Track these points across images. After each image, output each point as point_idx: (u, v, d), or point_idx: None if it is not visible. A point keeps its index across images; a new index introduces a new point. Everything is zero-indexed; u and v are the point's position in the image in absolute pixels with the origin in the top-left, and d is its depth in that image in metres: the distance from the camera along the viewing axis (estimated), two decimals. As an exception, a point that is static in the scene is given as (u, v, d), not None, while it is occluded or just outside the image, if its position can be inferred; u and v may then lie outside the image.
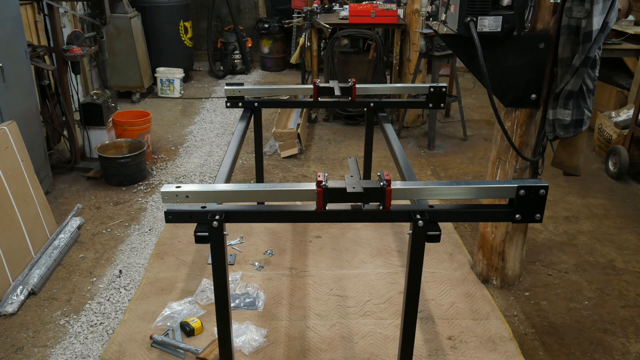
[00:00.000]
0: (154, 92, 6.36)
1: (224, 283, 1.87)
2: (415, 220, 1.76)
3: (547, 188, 1.78)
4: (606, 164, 4.31)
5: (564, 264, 3.14)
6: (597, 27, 2.17)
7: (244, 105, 3.10)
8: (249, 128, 3.03)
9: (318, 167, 4.42)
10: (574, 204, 3.85)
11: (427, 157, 4.66)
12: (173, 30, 6.54)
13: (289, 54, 7.40)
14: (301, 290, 2.85)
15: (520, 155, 2.53)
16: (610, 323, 2.66)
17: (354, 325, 2.59)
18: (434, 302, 2.77)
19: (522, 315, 2.71)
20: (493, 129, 3.09)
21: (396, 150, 2.61)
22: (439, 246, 3.23)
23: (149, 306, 2.70)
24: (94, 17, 4.20)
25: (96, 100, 4.17)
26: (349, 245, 3.27)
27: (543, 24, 2.38)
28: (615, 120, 4.36)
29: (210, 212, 1.79)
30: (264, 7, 7.76)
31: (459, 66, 6.00)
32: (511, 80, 2.43)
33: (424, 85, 3.12)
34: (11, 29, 3.27)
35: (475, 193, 1.85)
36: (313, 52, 5.21)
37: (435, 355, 2.41)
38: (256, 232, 3.38)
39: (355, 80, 2.99)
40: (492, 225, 2.84)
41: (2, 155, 2.87)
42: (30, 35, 4.40)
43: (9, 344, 2.45)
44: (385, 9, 4.88)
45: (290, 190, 1.85)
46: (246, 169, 4.37)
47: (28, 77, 3.50)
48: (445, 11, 2.37)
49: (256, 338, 2.47)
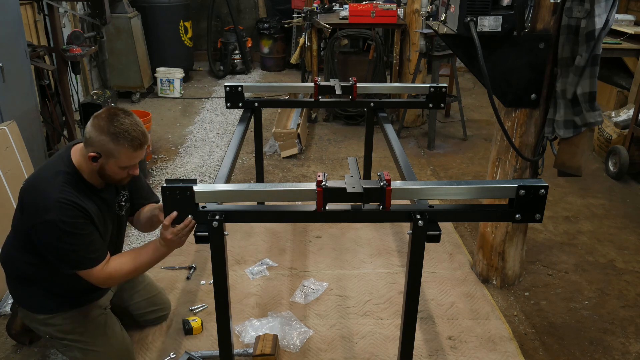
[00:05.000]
0: (154, 92, 6.36)
1: (224, 283, 1.87)
2: (415, 220, 1.75)
3: (547, 188, 1.78)
4: (606, 164, 4.31)
5: (564, 264, 3.14)
6: (600, 26, 2.17)
7: (244, 105, 3.10)
8: (249, 128, 3.03)
9: (318, 167, 4.42)
10: (574, 204, 3.85)
11: (427, 157, 4.66)
12: (173, 30, 6.53)
13: (289, 54, 7.40)
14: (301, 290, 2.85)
15: (520, 155, 2.53)
16: (610, 323, 2.66)
17: (354, 325, 2.59)
18: (434, 302, 2.77)
19: (522, 315, 2.71)
20: (493, 129, 3.09)
21: (396, 150, 2.60)
22: (439, 246, 3.23)
23: (149, 306, 2.70)
24: (94, 17, 4.20)
25: (96, 100, 4.16)
26: (349, 245, 3.27)
27: (543, 24, 2.38)
28: (615, 120, 4.36)
29: (210, 212, 1.79)
30: (264, 7, 7.76)
31: (459, 66, 6.00)
32: (511, 80, 2.43)
33: (424, 85, 3.12)
34: (11, 29, 3.27)
35: (475, 193, 1.85)
36: (313, 52, 5.21)
37: (435, 355, 2.41)
38: (256, 232, 3.38)
39: (356, 79, 2.99)
40: (492, 225, 2.84)
41: (2, 155, 2.87)
42: (30, 35, 4.40)
43: (9, 343, 2.45)
44: (385, 9, 4.88)
45: (290, 190, 1.85)
46: (246, 169, 4.37)
47: (28, 77, 3.50)
48: (445, 11, 2.37)
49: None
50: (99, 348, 2.15)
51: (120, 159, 1.92)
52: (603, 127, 4.47)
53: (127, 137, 1.88)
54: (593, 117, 2.37)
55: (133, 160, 1.96)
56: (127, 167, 1.97)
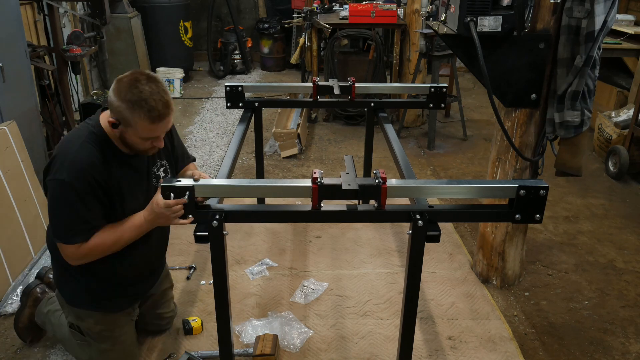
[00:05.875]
0: (154, 92, 6.35)
1: (224, 283, 1.87)
2: (415, 220, 1.75)
3: (547, 188, 1.78)
4: (606, 164, 4.30)
5: (564, 264, 3.14)
6: (599, 26, 2.17)
7: (244, 105, 3.10)
8: (249, 128, 3.03)
9: (318, 167, 4.42)
10: (574, 204, 3.85)
11: (427, 157, 4.66)
12: (173, 30, 6.53)
13: (289, 54, 7.40)
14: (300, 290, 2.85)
15: (520, 155, 2.53)
16: (610, 323, 2.66)
17: (354, 326, 2.59)
18: (434, 302, 2.77)
19: (522, 315, 2.71)
20: (493, 129, 3.09)
21: (396, 150, 2.60)
22: (439, 246, 3.23)
23: (149, 306, 2.70)
24: (94, 17, 4.20)
25: (96, 100, 4.17)
26: (349, 245, 3.27)
27: (543, 24, 2.38)
28: (615, 120, 4.36)
29: (210, 212, 1.79)
30: (264, 7, 7.76)
31: (459, 66, 6.00)
32: (511, 80, 2.43)
33: (424, 85, 3.12)
34: (11, 29, 3.27)
35: (474, 193, 1.85)
36: (313, 52, 5.21)
37: (435, 355, 2.41)
38: (256, 232, 3.38)
39: (354, 80, 2.99)
40: (492, 226, 2.84)
41: (2, 155, 2.87)
42: (30, 35, 4.40)
43: (9, 344, 2.45)
44: (385, 9, 4.88)
45: (286, 187, 1.86)
46: (246, 168, 4.37)
47: (28, 77, 3.50)
48: (445, 11, 2.37)
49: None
50: (116, 354, 2.16)
51: (138, 129, 1.76)
52: (603, 127, 4.47)
53: (144, 106, 1.71)
54: (571, 116, 2.37)
55: (153, 132, 1.79)
56: (149, 139, 1.81)
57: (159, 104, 1.74)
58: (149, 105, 1.72)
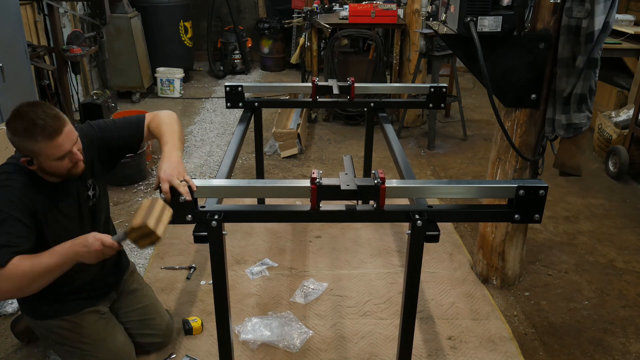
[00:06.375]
0: (154, 92, 6.36)
1: (223, 283, 1.87)
2: (414, 220, 1.75)
3: (547, 188, 1.77)
4: (606, 164, 4.30)
5: (564, 264, 3.14)
6: (599, 27, 2.16)
7: (244, 105, 3.10)
8: (249, 128, 3.03)
9: (318, 167, 4.42)
10: (574, 204, 3.84)
11: (427, 157, 4.66)
12: (173, 30, 6.53)
13: (289, 54, 7.39)
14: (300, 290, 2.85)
15: (520, 155, 2.53)
16: (610, 323, 2.66)
17: (354, 326, 2.59)
18: (433, 302, 2.77)
19: (522, 315, 2.71)
20: (493, 129, 3.09)
21: (396, 150, 2.60)
22: (439, 246, 3.23)
23: (149, 306, 2.70)
24: (94, 17, 4.20)
25: (96, 100, 4.17)
26: (348, 245, 3.27)
27: (543, 24, 2.38)
28: (615, 120, 4.36)
29: (209, 212, 1.79)
30: (264, 7, 7.76)
31: (459, 66, 6.00)
32: (511, 80, 2.43)
33: (424, 85, 3.12)
34: (11, 29, 3.27)
35: (473, 193, 1.85)
36: (313, 52, 5.21)
37: (435, 355, 2.41)
38: (256, 232, 3.38)
39: (354, 79, 2.99)
40: (492, 225, 2.84)
41: (2, 155, 2.87)
42: (30, 35, 4.40)
43: (8, 343, 2.45)
44: (385, 9, 4.88)
45: (285, 187, 1.86)
46: (246, 169, 4.37)
47: (28, 77, 3.50)
48: (445, 11, 2.37)
49: (258, 337, 2.47)
50: (98, 354, 2.13)
51: (46, 152, 1.75)
52: (603, 127, 4.47)
53: (35, 129, 1.71)
54: (578, 118, 2.37)
55: (60, 149, 1.76)
56: (63, 157, 1.78)
57: (48, 120, 1.73)
58: (39, 126, 1.72)
